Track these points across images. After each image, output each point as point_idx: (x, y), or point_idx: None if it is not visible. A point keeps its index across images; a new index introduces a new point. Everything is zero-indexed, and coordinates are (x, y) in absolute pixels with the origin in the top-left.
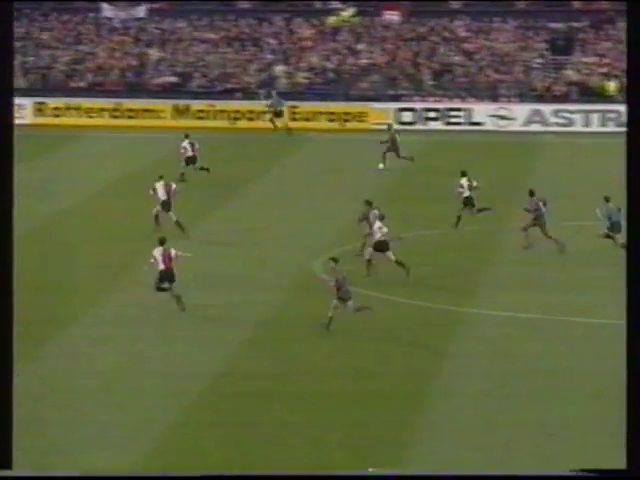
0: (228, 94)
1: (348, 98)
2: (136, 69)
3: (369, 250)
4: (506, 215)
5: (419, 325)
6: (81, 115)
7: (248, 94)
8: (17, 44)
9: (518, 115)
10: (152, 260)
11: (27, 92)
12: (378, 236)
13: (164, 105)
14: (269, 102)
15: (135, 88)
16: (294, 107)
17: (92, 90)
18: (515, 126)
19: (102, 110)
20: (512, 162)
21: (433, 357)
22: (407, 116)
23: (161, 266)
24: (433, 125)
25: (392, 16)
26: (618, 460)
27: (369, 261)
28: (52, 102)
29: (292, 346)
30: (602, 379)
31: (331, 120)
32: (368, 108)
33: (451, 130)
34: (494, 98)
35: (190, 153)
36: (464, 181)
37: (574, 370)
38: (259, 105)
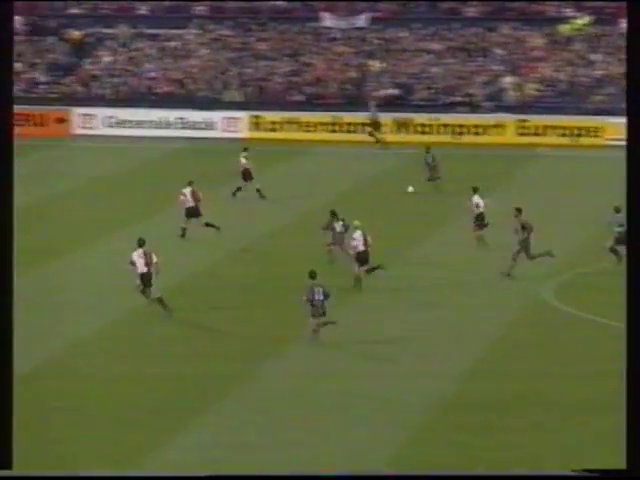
0: (452, 107)
1: (581, 112)
2: (356, 81)
3: (355, 264)
4: None
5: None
6: (298, 129)
7: (475, 107)
8: (233, 55)
9: None
10: (131, 265)
11: (243, 105)
12: (360, 248)
13: (384, 119)
14: (369, 114)
15: (355, 101)
16: (522, 121)
17: (310, 103)
18: None
19: (320, 124)
20: None
21: None
22: None
23: (142, 269)
24: None
25: None
26: None
27: (358, 275)
28: (269, 116)
29: (517, 365)
30: None
31: (563, 135)
32: (603, 123)
33: None
34: None
35: (246, 166)
36: (476, 198)
37: None
38: (484, 119)
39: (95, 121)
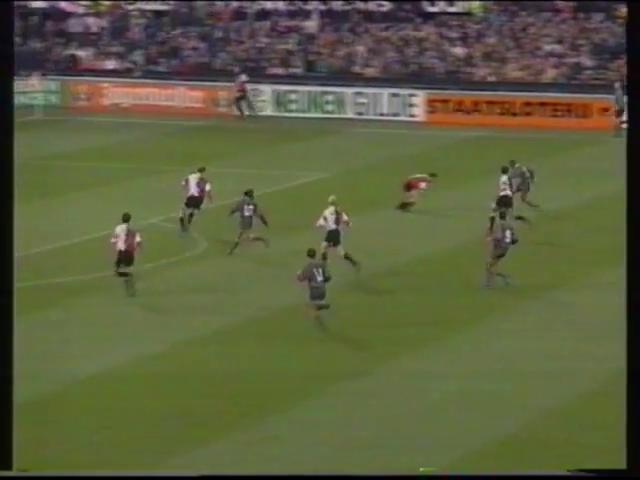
0: None
1: None
2: None
3: (323, 244)
4: None
5: None
6: None
7: None
8: None
9: None
10: (114, 240)
11: None
12: (331, 226)
13: None
14: (614, 97)
15: None
16: None
17: None
18: None
19: None
20: None
21: None
22: None
23: (121, 246)
24: None
25: None
26: None
27: (324, 254)
28: None
29: None
30: None
31: None
32: None
33: None
34: None
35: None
36: (505, 179)
37: None
38: None
39: None
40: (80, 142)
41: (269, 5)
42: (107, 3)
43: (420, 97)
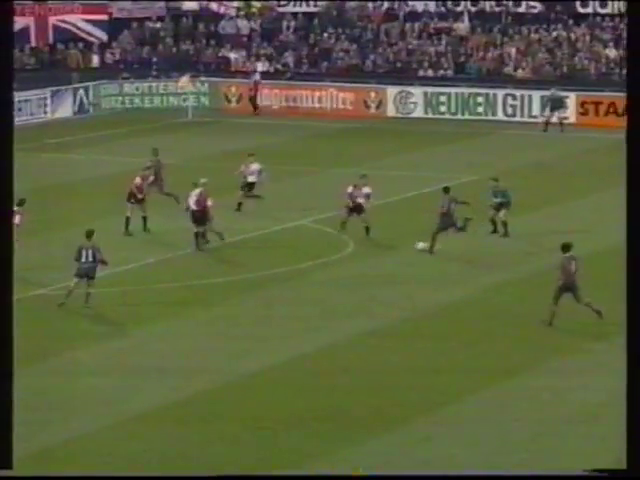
0: None
1: None
2: None
3: (192, 223)
4: None
5: None
6: None
7: None
8: None
9: None
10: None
11: None
12: (192, 207)
13: None
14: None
15: None
16: None
17: None
18: None
19: None
20: None
21: None
22: None
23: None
24: None
25: None
26: None
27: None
28: None
29: None
30: None
31: None
32: None
33: None
34: None
35: None
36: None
37: None
38: None
39: None
40: (230, 144)
41: (419, 7)
42: (258, 5)
43: (572, 99)
